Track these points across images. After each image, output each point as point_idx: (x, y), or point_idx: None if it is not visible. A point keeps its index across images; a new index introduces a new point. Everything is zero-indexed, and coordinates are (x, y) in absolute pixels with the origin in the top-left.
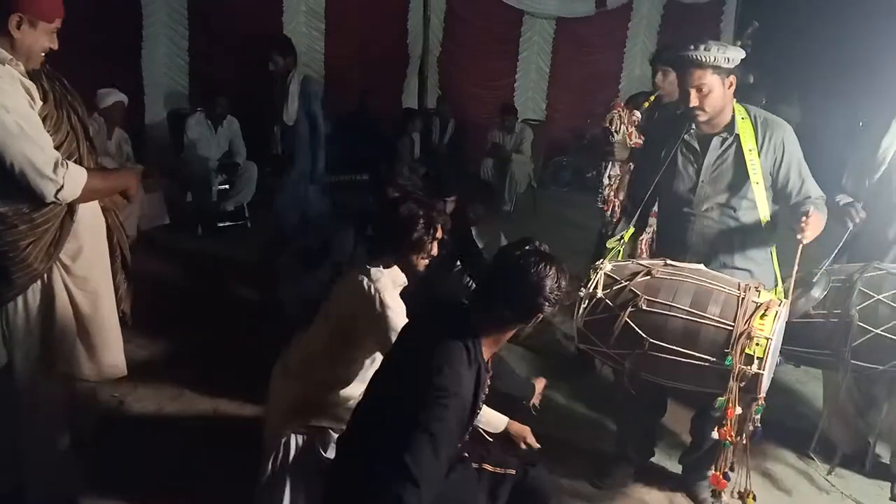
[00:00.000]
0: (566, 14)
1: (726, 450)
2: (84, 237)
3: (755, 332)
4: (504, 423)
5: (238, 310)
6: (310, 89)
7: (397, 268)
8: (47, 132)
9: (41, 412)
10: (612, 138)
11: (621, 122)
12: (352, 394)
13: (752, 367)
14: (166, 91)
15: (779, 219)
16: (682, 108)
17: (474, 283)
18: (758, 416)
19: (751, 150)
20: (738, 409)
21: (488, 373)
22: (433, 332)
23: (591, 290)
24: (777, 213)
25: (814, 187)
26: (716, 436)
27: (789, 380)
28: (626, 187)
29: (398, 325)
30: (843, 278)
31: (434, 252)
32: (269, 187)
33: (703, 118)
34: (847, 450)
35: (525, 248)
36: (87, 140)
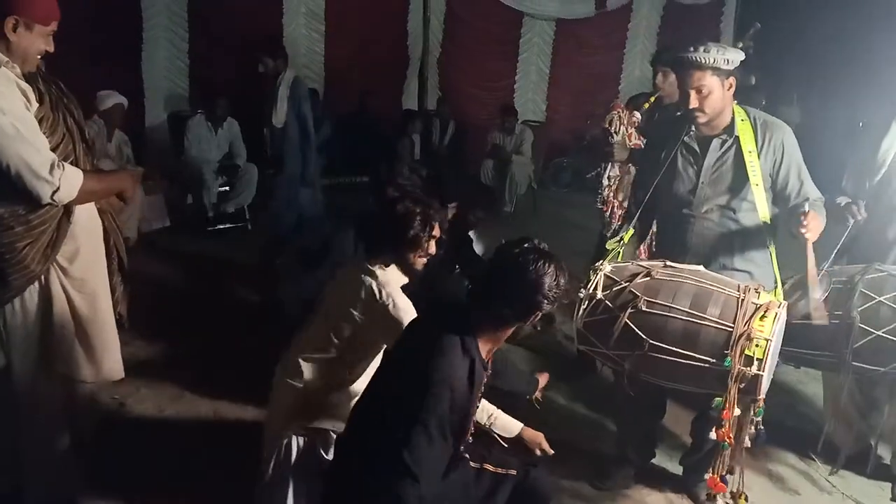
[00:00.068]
0: (566, 15)
1: (724, 452)
2: (81, 239)
3: (755, 333)
4: (518, 428)
5: (238, 311)
6: (300, 91)
7: (395, 266)
8: (43, 134)
9: (40, 413)
10: (612, 139)
11: (621, 123)
12: (354, 394)
13: (752, 369)
14: (166, 93)
15: (778, 220)
16: (682, 109)
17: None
18: (759, 419)
19: (750, 152)
20: (737, 411)
21: (486, 370)
22: (431, 330)
23: (591, 291)
24: (777, 214)
25: (812, 189)
26: (713, 437)
27: (790, 380)
28: (625, 188)
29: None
30: (845, 280)
31: (432, 250)
32: (270, 189)
33: (702, 120)
34: (849, 451)
35: (524, 246)
36: (83, 142)
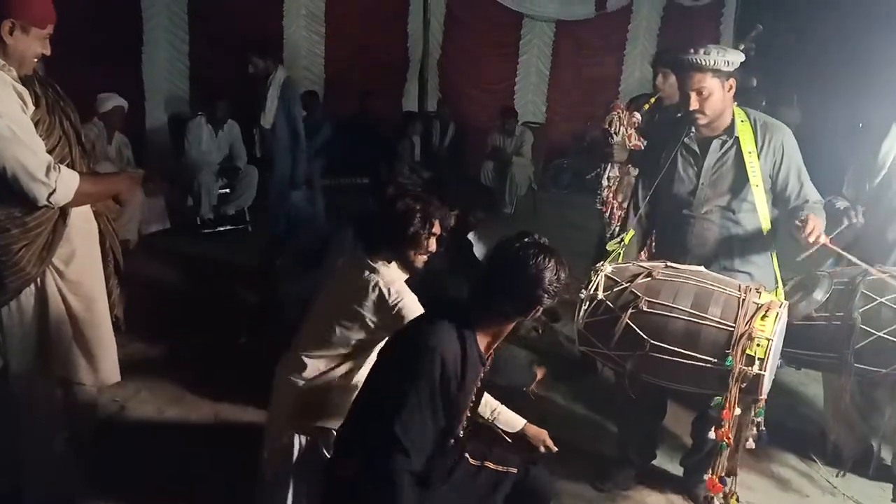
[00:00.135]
0: (566, 17)
1: (723, 452)
2: (77, 241)
3: (756, 333)
4: (521, 423)
5: (239, 313)
6: (290, 92)
7: (396, 264)
8: (40, 137)
9: (39, 414)
10: (612, 140)
11: (621, 124)
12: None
13: (753, 368)
14: (167, 95)
15: (778, 222)
16: (682, 111)
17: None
18: (760, 419)
19: (750, 153)
20: (738, 411)
21: (484, 365)
22: (427, 318)
23: (592, 291)
24: (777, 215)
25: (812, 191)
26: (712, 436)
27: (791, 381)
28: (624, 189)
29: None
30: (846, 281)
31: (432, 248)
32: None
33: (702, 121)
34: (850, 453)
35: (524, 241)
36: (79, 145)
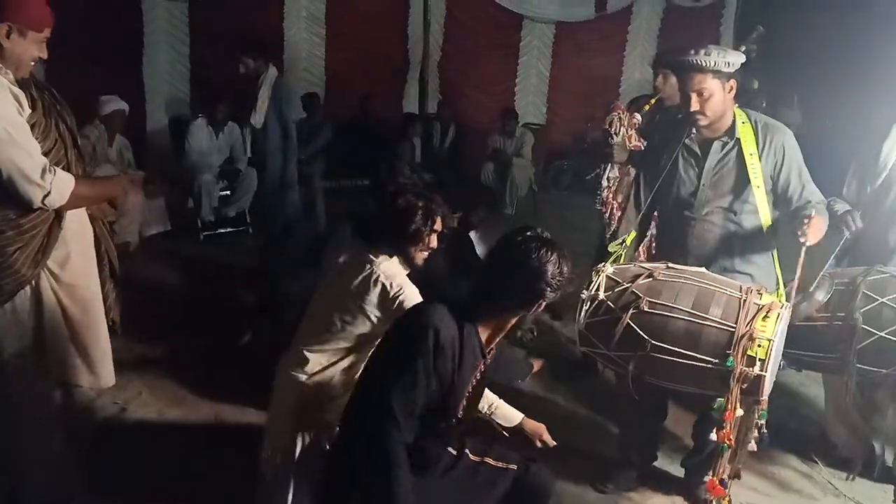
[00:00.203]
0: (566, 18)
1: (724, 454)
2: (72, 244)
3: (757, 333)
4: (519, 418)
5: (240, 314)
6: (282, 92)
7: (397, 258)
8: (35, 139)
9: (36, 416)
10: (612, 140)
11: (621, 125)
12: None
13: (754, 369)
14: (168, 98)
15: (780, 223)
16: (682, 112)
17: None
18: (762, 422)
19: (751, 155)
20: (740, 412)
21: (485, 358)
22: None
23: (593, 292)
24: (778, 217)
25: (814, 191)
26: (714, 438)
27: (792, 383)
28: (624, 190)
29: None
30: (847, 282)
31: (433, 245)
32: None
33: (703, 122)
34: (851, 454)
35: (526, 235)
36: (75, 148)
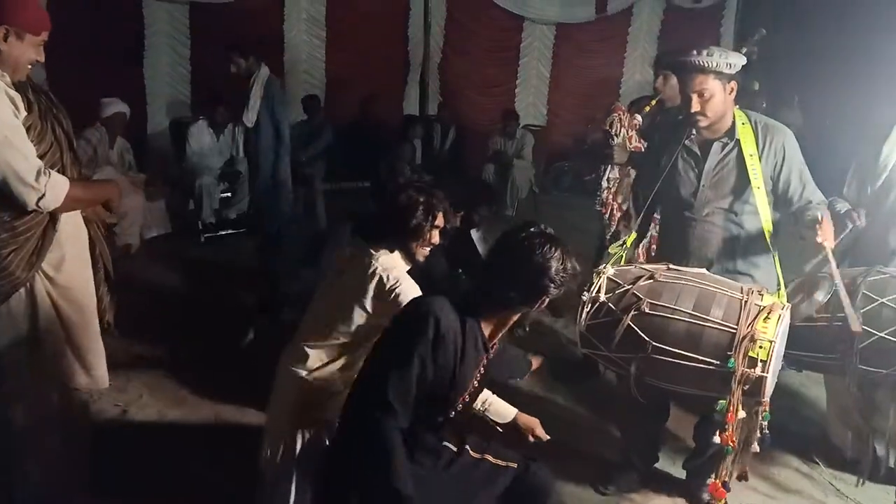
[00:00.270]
0: (566, 20)
1: (727, 457)
2: (66, 247)
3: (758, 334)
4: (513, 413)
5: (240, 316)
6: (274, 90)
7: (398, 254)
8: (31, 142)
9: (33, 417)
10: (612, 141)
11: (621, 126)
12: None
13: (756, 370)
14: (168, 100)
15: (781, 224)
16: (683, 113)
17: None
18: (765, 423)
19: (751, 155)
20: (742, 414)
21: (487, 352)
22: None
23: (594, 294)
24: (779, 217)
25: (815, 192)
26: (717, 440)
27: (793, 384)
28: (624, 191)
29: None
30: (847, 282)
31: (435, 240)
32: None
33: (704, 123)
34: (855, 456)
35: (530, 231)
36: (70, 151)
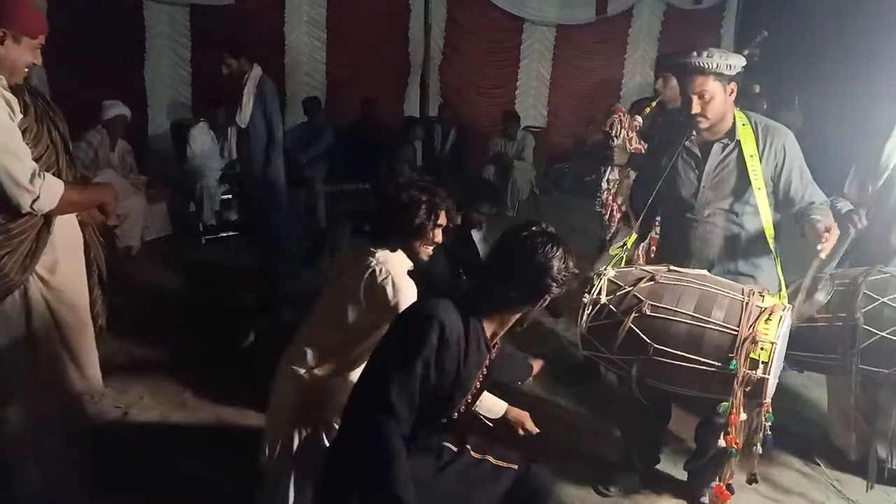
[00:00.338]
0: (567, 21)
1: (731, 459)
2: (60, 250)
3: (760, 336)
4: (503, 408)
5: (241, 317)
6: (266, 89)
7: (402, 253)
8: (27, 145)
9: (31, 418)
10: (612, 142)
11: (622, 127)
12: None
13: (757, 372)
14: (169, 102)
15: (781, 224)
16: (683, 114)
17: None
18: (768, 424)
19: (752, 156)
20: (743, 415)
21: (489, 352)
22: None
23: (595, 295)
24: (780, 218)
25: (817, 192)
26: (723, 444)
27: (794, 384)
28: (624, 192)
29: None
30: (847, 282)
31: (438, 239)
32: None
33: (704, 125)
34: (855, 457)
35: (531, 230)
36: (66, 154)
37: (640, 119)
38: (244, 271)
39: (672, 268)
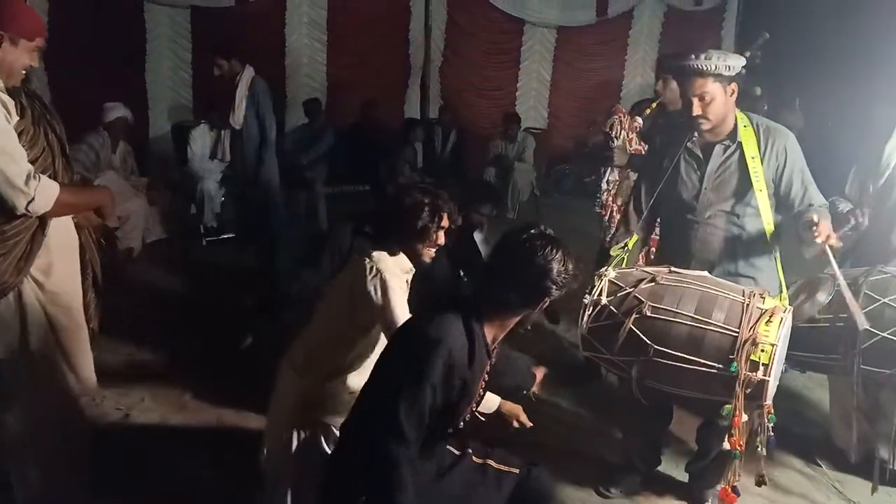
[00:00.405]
0: (567, 23)
1: (735, 461)
2: (56, 252)
3: (760, 338)
4: (496, 403)
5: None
6: (258, 89)
7: (404, 255)
8: (23, 147)
9: (30, 420)
10: (612, 143)
11: (622, 128)
12: (353, 388)
13: (758, 374)
14: (170, 104)
15: (782, 226)
16: (684, 116)
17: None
18: (770, 426)
19: (753, 158)
20: (745, 417)
21: (490, 358)
22: (432, 311)
23: (596, 297)
24: (781, 220)
25: (817, 194)
26: (727, 446)
27: (796, 385)
28: (624, 193)
29: (399, 303)
30: (849, 282)
31: (441, 241)
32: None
33: (705, 126)
34: (856, 458)
35: (530, 232)
36: (63, 157)
37: (640, 120)
38: (244, 273)
39: (673, 269)
